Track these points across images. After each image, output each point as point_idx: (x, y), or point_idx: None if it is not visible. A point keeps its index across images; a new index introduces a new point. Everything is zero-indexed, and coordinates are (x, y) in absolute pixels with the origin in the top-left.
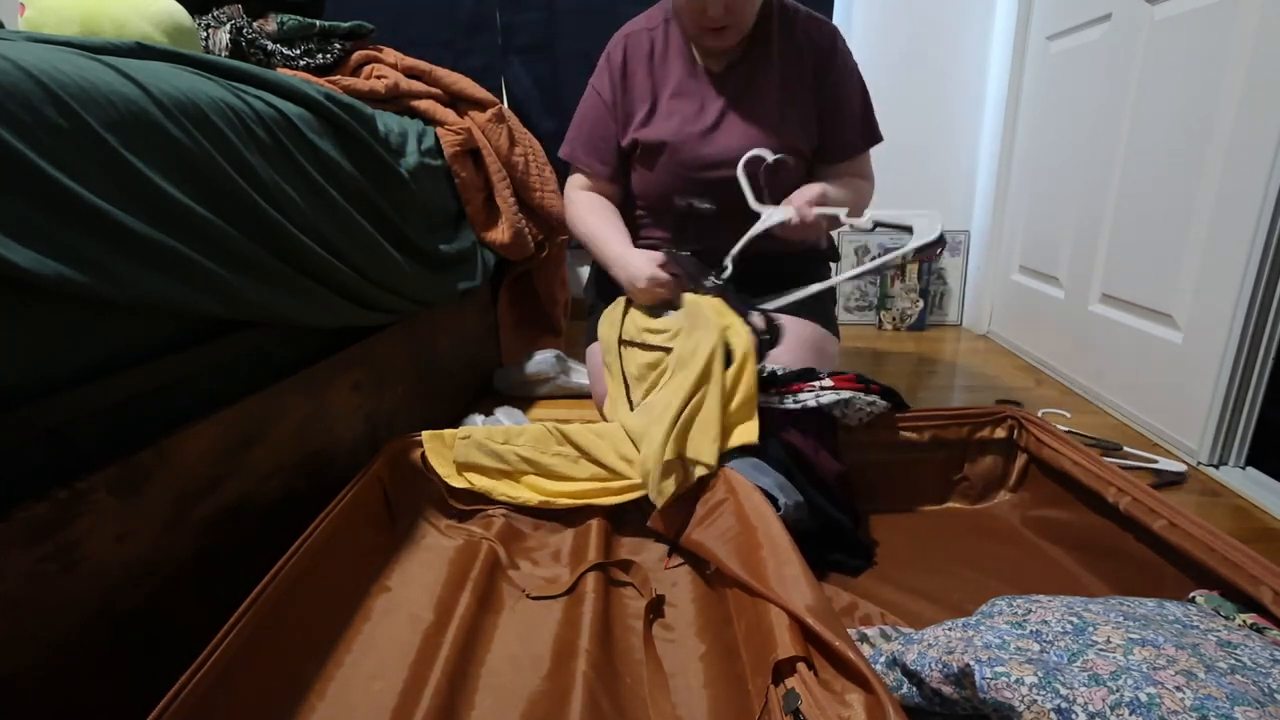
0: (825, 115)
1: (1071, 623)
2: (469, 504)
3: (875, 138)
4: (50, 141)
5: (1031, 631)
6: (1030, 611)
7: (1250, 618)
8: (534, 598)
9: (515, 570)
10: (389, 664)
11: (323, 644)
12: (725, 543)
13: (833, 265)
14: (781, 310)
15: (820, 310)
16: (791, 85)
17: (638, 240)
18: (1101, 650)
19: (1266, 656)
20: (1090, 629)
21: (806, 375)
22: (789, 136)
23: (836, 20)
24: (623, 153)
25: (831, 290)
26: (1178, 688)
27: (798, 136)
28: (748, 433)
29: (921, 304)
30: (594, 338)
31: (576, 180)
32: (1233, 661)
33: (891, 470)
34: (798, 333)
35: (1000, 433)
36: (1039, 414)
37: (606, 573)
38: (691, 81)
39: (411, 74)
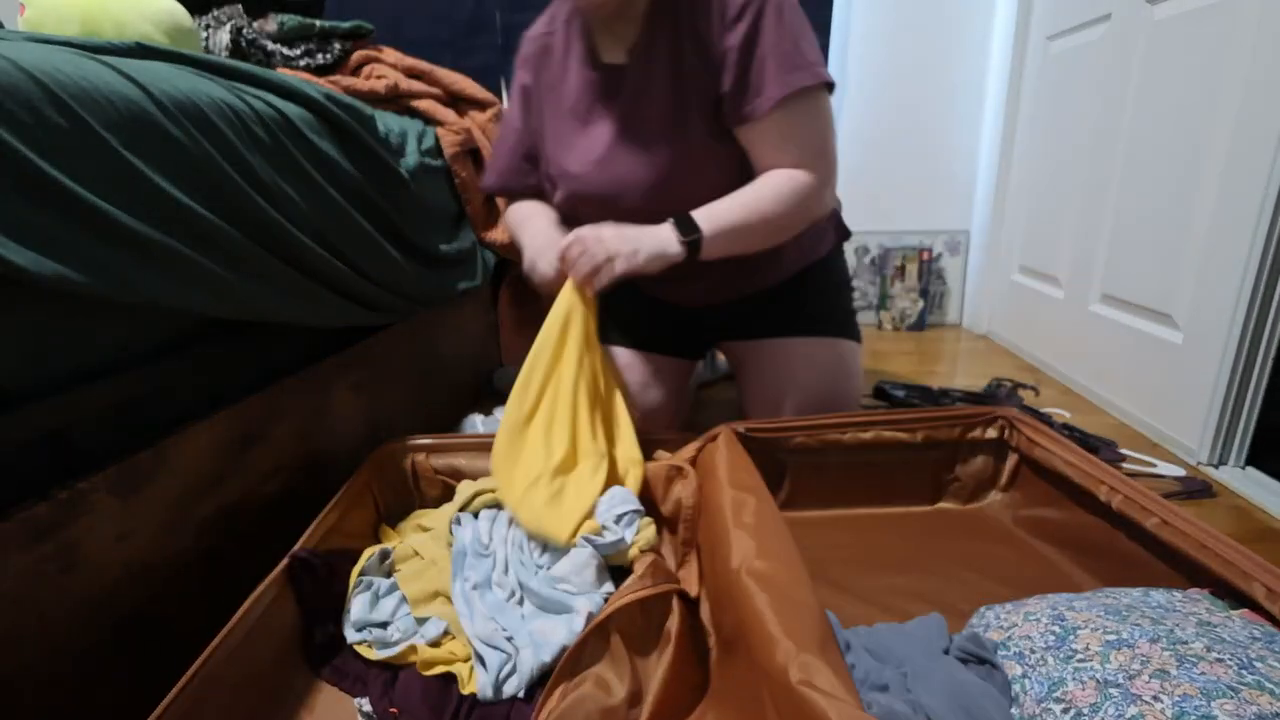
0: (736, 63)
1: (1055, 632)
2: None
3: (800, 82)
4: (50, 141)
5: (1015, 653)
6: (1015, 626)
7: (1242, 614)
8: None
9: None
10: None
11: None
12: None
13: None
14: (787, 333)
15: (838, 312)
16: (697, 54)
17: None
18: (1080, 663)
19: (1246, 635)
20: (1071, 636)
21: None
22: (691, 138)
23: (836, 21)
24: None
25: (848, 283)
26: (1154, 697)
27: (703, 133)
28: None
29: (921, 304)
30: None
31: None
32: (1210, 639)
33: (883, 471)
34: (812, 361)
35: (991, 433)
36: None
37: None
38: (587, 94)
39: (411, 74)
